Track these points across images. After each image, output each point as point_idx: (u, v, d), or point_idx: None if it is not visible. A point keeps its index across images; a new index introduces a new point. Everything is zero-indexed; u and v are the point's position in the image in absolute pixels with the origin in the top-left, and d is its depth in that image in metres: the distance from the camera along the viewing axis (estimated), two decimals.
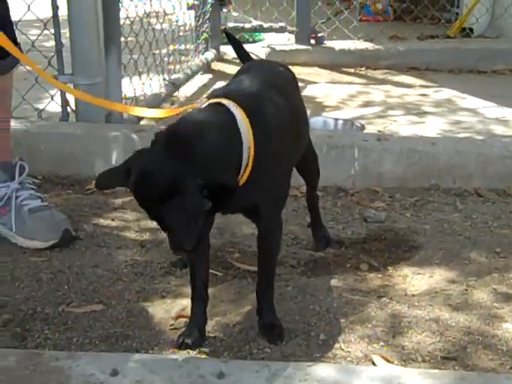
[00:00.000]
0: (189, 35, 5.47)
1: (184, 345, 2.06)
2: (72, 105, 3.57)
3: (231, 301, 2.33)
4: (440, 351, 2.06)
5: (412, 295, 2.38)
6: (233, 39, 2.70)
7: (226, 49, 5.64)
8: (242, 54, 2.64)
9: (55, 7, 3.44)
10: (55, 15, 3.46)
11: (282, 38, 6.09)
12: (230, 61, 5.62)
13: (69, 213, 2.92)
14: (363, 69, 5.69)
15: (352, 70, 5.67)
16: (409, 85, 5.28)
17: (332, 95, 4.95)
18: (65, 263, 2.53)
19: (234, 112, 1.90)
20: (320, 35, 5.87)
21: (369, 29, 6.31)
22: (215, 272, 2.47)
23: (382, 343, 2.10)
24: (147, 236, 2.77)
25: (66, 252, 2.63)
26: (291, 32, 5.96)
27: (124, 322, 2.20)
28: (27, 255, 2.60)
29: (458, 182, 3.26)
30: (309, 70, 5.54)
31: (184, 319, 2.19)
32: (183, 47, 5.30)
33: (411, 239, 2.78)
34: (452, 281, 2.47)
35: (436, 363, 2.01)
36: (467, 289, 2.41)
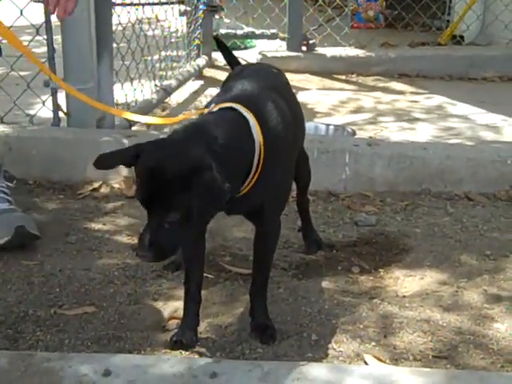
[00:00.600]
0: (181, 41, 5.48)
1: (177, 345, 2.07)
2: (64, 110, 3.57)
3: (223, 303, 2.33)
4: (431, 350, 2.07)
5: (403, 296, 2.39)
6: (222, 45, 2.72)
7: (218, 55, 5.64)
8: (232, 60, 2.66)
9: (48, 12, 3.44)
10: (48, 20, 3.46)
11: (274, 45, 6.10)
12: (222, 67, 5.63)
13: (60, 217, 2.93)
14: (354, 75, 5.71)
15: (343, 77, 5.69)
16: (399, 91, 5.30)
17: (323, 102, 4.97)
18: (56, 267, 2.53)
19: (247, 116, 1.95)
20: (311, 42, 5.89)
21: (360, 36, 6.33)
22: (207, 275, 2.46)
23: (374, 343, 2.11)
24: None
25: (58, 255, 2.63)
26: (283, 39, 5.98)
27: (116, 324, 2.20)
28: (19, 259, 2.59)
29: (449, 187, 3.28)
30: (300, 77, 5.56)
31: (176, 321, 2.19)
32: (175, 53, 5.30)
33: (402, 242, 2.79)
34: (443, 282, 2.48)
35: (427, 362, 2.02)
36: (458, 290, 2.42)
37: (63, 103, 3.53)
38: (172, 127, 2.14)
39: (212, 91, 4.85)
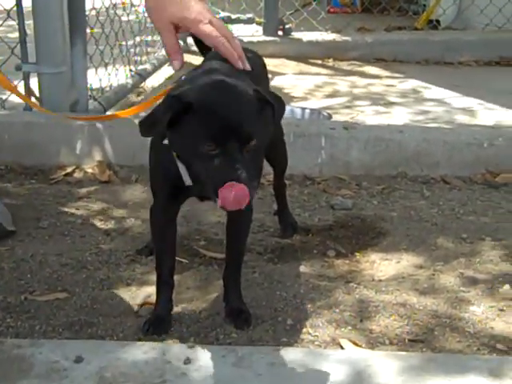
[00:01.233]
0: None
1: (150, 331, 2.03)
2: (36, 94, 3.51)
3: (197, 287, 2.30)
4: (407, 334, 2.06)
5: (379, 280, 2.37)
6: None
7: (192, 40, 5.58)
8: (202, 46, 2.56)
9: None
10: (19, 3, 3.40)
11: (250, 30, 6.05)
12: (198, 52, 5.55)
13: (32, 202, 2.89)
14: (331, 60, 5.68)
15: (319, 62, 5.66)
16: (376, 76, 5.28)
17: (299, 86, 4.93)
18: (28, 252, 2.48)
19: None
20: (287, 27, 5.85)
21: (336, 20, 6.30)
22: (181, 259, 2.44)
23: (350, 327, 2.09)
24: (112, 225, 2.73)
25: (29, 241, 2.58)
26: (259, 23, 5.93)
27: (88, 310, 2.16)
28: None
29: (425, 170, 3.26)
30: (276, 62, 5.52)
31: (150, 306, 2.16)
32: (150, 38, 5.24)
33: (378, 226, 2.77)
34: (419, 266, 2.47)
35: (404, 346, 2.00)
36: (434, 273, 2.41)
37: (35, 87, 3.47)
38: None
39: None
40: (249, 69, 2.03)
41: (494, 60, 5.67)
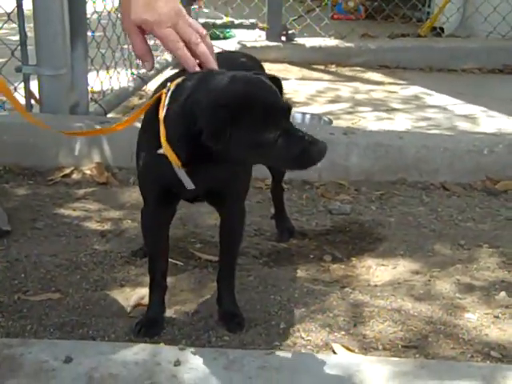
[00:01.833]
0: None
1: (141, 333, 2.02)
2: (37, 96, 3.51)
3: (191, 290, 2.29)
4: (401, 340, 2.04)
5: (375, 286, 2.36)
6: None
7: None
8: None
9: None
10: (19, 5, 3.40)
11: (253, 35, 6.05)
12: None
13: (29, 203, 2.88)
14: (333, 66, 5.68)
15: (322, 67, 5.65)
16: (378, 82, 5.27)
17: (301, 91, 4.92)
18: (22, 252, 2.48)
19: None
20: (291, 32, 5.85)
21: (340, 27, 6.29)
22: (176, 262, 2.43)
23: (343, 332, 2.07)
24: (108, 226, 2.72)
25: (24, 241, 2.57)
26: (262, 29, 5.93)
27: (81, 311, 2.15)
28: None
29: (425, 176, 3.25)
30: (279, 67, 5.51)
31: (142, 308, 2.14)
32: (152, 42, 5.22)
33: (376, 231, 2.75)
34: (415, 272, 2.45)
35: (397, 352, 1.99)
36: (430, 280, 2.39)
37: (36, 89, 3.47)
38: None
39: None
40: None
41: (498, 68, 5.67)
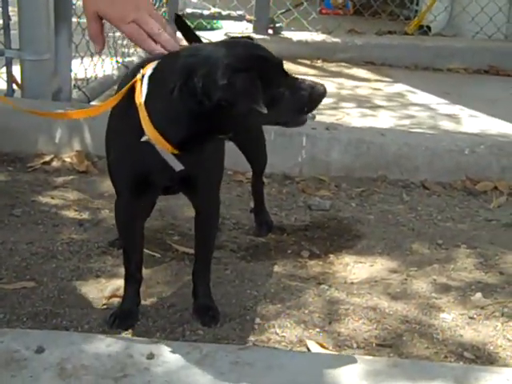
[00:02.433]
0: None
1: (115, 324, 2.01)
2: (18, 81, 3.48)
3: (167, 282, 2.28)
4: (376, 338, 2.04)
5: (351, 283, 2.36)
6: (180, 22, 2.56)
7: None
8: (191, 38, 2.50)
9: None
10: None
11: (240, 27, 6.02)
12: None
13: (7, 189, 2.86)
14: (319, 61, 5.66)
15: (308, 62, 5.63)
16: (363, 78, 5.26)
17: None
18: None
19: None
20: (278, 25, 5.83)
21: (328, 22, 6.26)
22: (153, 253, 2.42)
23: (318, 329, 2.07)
24: (86, 215, 2.71)
25: (1, 228, 2.55)
26: (249, 21, 5.91)
27: (55, 300, 2.13)
28: None
29: (405, 174, 3.25)
30: None
31: (117, 299, 2.13)
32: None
33: (354, 228, 2.75)
34: (393, 270, 2.45)
35: (371, 350, 1.99)
36: (407, 278, 2.39)
37: (17, 74, 3.44)
38: None
39: None
40: None
41: (483, 68, 5.66)
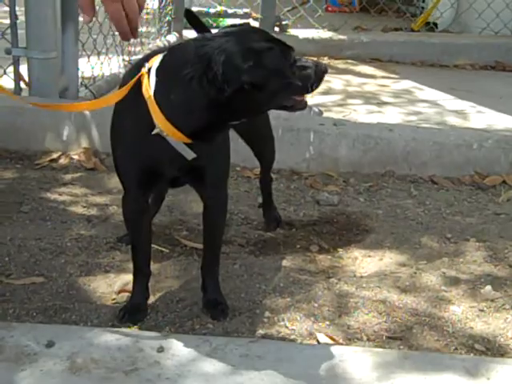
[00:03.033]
0: (151, 17, 5.38)
1: (125, 319, 2.01)
2: (26, 79, 3.48)
3: (176, 277, 2.28)
4: (386, 331, 2.03)
5: (361, 277, 2.35)
6: (193, 18, 2.56)
7: (189, 33, 5.56)
8: (201, 31, 2.51)
9: None
10: None
11: None
12: None
13: (15, 186, 2.86)
14: (326, 58, 5.66)
15: (315, 59, 5.60)
16: (370, 75, 5.25)
17: None
18: (7, 235, 2.46)
19: None
20: (284, 23, 5.83)
21: (334, 19, 6.27)
22: (162, 248, 2.42)
23: (328, 322, 2.07)
24: (94, 211, 2.71)
25: (9, 224, 2.55)
26: (255, 19, 5.90)
27: (64, 296, 2.14)
28: None
29: (414, 169, 3.24)
30: None
31: (126, 294, 2.13)
32: (145, 29, 5.21)
33: (363, 223, 2.75)
34: (402, 264, 2.44)
35: (381, 343, 1.98)
36: (416, 272, 2.38)
37: (25, 72, 3.44)
38: None
39: None
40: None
41: (490, 64, 5.65)
